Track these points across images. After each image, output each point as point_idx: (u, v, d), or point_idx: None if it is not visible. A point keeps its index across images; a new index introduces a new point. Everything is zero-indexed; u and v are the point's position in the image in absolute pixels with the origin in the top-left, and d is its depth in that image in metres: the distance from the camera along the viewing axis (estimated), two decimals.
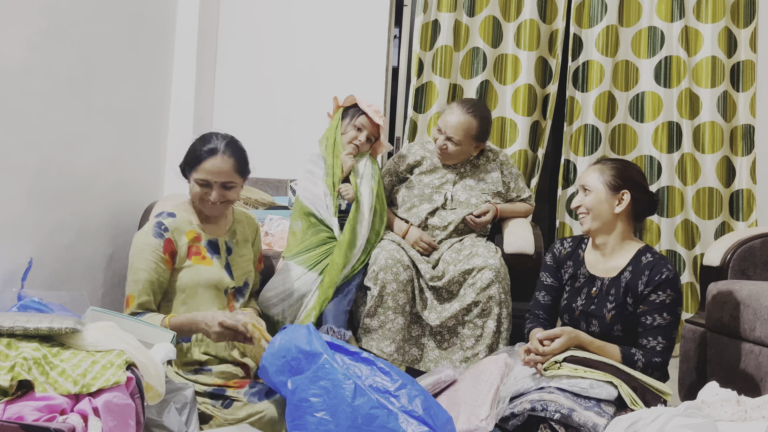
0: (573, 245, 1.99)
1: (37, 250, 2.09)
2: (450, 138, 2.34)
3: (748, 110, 3.13)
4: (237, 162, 1.86)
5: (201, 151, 1.84)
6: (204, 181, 1.84)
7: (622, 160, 1.94)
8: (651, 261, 1.80)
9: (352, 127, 2.34)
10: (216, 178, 1.83)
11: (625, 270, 1.83)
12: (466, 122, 2.33)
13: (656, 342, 1.74)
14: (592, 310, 1.84)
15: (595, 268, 1.89)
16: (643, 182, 1.89)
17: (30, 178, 2.04)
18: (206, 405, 1.67)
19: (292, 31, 3.26)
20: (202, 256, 1.88)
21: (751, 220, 3.09)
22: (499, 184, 2.47)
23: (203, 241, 1.90)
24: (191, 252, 1.87)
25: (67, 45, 2.18)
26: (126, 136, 2.62)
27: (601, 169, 1.88)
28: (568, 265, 1.96)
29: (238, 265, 1.95)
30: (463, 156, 2.42)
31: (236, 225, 2.01)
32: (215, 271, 1.87)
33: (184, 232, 1.87)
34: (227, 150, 1.86)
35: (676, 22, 3.13)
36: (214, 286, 1.86)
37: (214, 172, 1.83)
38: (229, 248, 1.95)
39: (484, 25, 3.17)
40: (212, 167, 1.83)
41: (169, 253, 1.81)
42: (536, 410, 1.58)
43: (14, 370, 1.23)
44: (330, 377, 1.46)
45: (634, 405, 1.60)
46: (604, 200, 1.84)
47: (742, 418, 1.43)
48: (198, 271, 1.85)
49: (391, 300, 2.14)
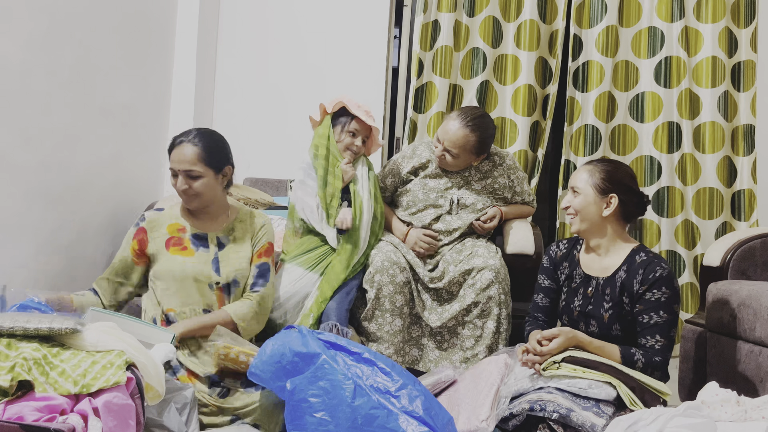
0: (568, 246, 1.99)
1: (37, 250, 2.09)
2: (448, 150, 2.28)
3: (749, 110, 3.12)
4: (203, 150, 1.86)
5: (173, 141, 1.90)
6: (172, 170, 1.89)
7: (612, 162, 1.94)
8: (645, 260, 1.80)
9: (346, 134, 2.26)
10: (178, 166, 1.86)
11: (620, 269, 1.83)
12: (463, 137, 2.25)
13: (655, 341, 1.74)
14: (590, 311, 1.85)
15: (590, 268, 1.89)
16: (633, 185, 1.88)
17: (30, 178, 2.04)
18: (202, 393, 1.67)
19: (292, 31, 3.26)
20: (182, 247, 1.90)
21: (752, 220, 3.09)
22: (506, 189, 2.43)
23: (188, 233, 1.92)
24: (170, 243, 1.90)
25: (67, 45, 2.18)
26: (126, 136, 2.62)
27: (591, 170, 1.87)
28: (564, 266, 1.96)
29: (229, 262, 1.92)
30: (464, 165, 2.36)
31: (237, 223, 2.00)
32: (195, 262, 1.88)
33: (163, 224, 1.92)
34: (194, 139, 1.88)
35: (676, 22, 3.13)
36: (194, 278, 1.86)
37: (177, 161, 1.87)
38: (221, 243, 1.94)
39: (484, 25, 3.17)
40: (176, 155, 1.87)
41: (137, 241, 1.91)
42: (535, 410, 1.59)
43: (14, 371, 1.23)
44: (329, 377, 1.46)
45: (633, 405, 1.60)
46: (592, 203, 1.84)
47: (742, 418, 1.43)
48: (174, 260, 1.87)
49: (388, 302, 2.13)
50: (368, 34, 3.24)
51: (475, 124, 2.27)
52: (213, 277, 1.89)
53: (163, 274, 1.87)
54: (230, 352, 1.67)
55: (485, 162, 2.43)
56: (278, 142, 3.20)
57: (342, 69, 3.23)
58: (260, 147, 3.18)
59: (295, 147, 2.50)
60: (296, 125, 3.21)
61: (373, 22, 3.24)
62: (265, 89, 3.26)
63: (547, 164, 3.37)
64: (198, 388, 1.68)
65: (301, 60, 3.25)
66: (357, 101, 2.30)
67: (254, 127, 3.21)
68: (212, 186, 1.91)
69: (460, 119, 2.27)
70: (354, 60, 3.23)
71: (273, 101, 3.24)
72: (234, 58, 3.26)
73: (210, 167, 1.88)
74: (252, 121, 3.21)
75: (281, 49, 3.25)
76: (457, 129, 2.25)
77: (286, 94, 3.24)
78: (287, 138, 3.21)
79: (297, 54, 3.25)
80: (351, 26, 3.24)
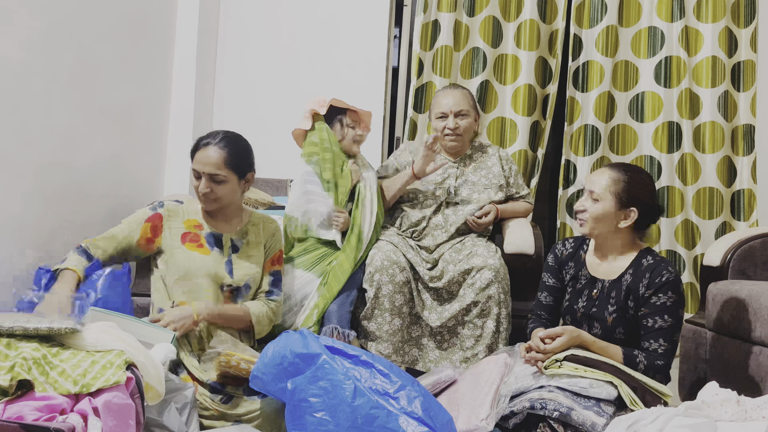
0: (575, 246, 1.96)
1: (37, 250, 2.09)
2: (459, 112, 2.40)
3: (748, 110, 3.13)
4: (229, 155, 1.85)
5: (198, 142, 1.88)
6: (195, 172, 1.86)
7: (635, 171, 1.84)
8: (652, 263, 1.77)
9: (347, 128, 2.32)
10: (203, 168, 1.84)
11: (626, 272, 1.81)
12: (461, 93, 2.44)
13: (658, 345, 1.72)
14: (594, 313, 1.83)
15: (596, 270, 1.88)
16: (654, 200, 1.82)
17: (30, 178, 2.04)
18: (205, 398, 1.67)
19: (292, 31, 3.26)
20: (198, 244, 1.89)
21: (751, 220, 3.09)
22: (501, 177, 2.48)
23: (204, 231, 1.91)
24: (186, 237, 1.89)
25: (67, 45, 2.18)
26: (126, 136, 2.62)
27: (615, 179, 1.79)
28: (570, 266, 1.94)
29: (242, 266, 1.93)
30: (468, 134, 2.47)
31: (250, 227, 2.00)
32: (211, 261, 1.87)
33: (181, 218, 1.90)
34: (220, 142, 1.86)
35: (676, 22, 3.13)
36: (209, 277, 1.86)
37: (202, 162, 1.84)
38: (235, 246, 1.94)
39: (484, 25, 3.17)
40: (201, 157, 1.85)
41: (151, 227, 1.86)
42: (535, 408, 1.59)
43: (14, 370, 1.23)
44: (330, 377, 1.46)
45: (634, 405, 1.59)
46: (611, 213, 1.78)
47: (742, 418, 1.42)
48: (191, 256, 1.86)
49: (387, 302, 2.13)
50: (368, 34, 3.24)
51: (458, 85, 2.57)
52: (226, 279, 1.89)
53: (179, 268, 1.84)
54: (231, 359, 1.67)
55: (477, 152, 2.52)
56: (278, 142, 3.19)
57: (342, 69, 3.23)
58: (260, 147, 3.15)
59: (295, 147, 2.49)
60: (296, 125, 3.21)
61: (373, 22, 3.24)
62: (265, 89, 3.26)
63: (547, 164, 3.37)
64: (200, 391, 1.68)
65: (301, 59, 3.25)
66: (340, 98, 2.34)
67: (254, 127, 3.20)
68: (234, 191, 1.90)
69: (449, 88, 2.49)
70: (354, 60, 3.23)
71: (273, 101, 3.24)
72: (234, 58, 3.26)
73: (234, 172, 1.87)
74: (252, 121, 3.21)
75: (281, 48, 3.25)
76: (454, 91, 2.45)
77: (286, 93, 3.23)
78: (287, 138, 3.20)
79: (297, 54, 3.25)
80: (351, 26, 3.25)
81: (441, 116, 2.43)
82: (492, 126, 3.19)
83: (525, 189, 2.57)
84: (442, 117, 2.42)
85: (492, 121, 3.19)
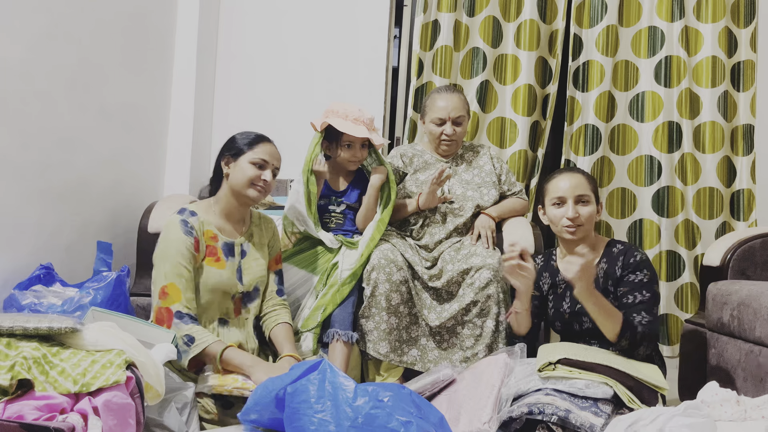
0: (544, 259, 2.14)
1: (37, 250, 2.09)
2: (457, 119, 2.43)
3: (748, 110, 3.13)
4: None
5: (252, 136, 1.97)
6: (261, 161, 1.92)
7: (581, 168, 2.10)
8: (622, 249, 1.95)
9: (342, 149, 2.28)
10: (271, 160, 1.95)
11: (600, 262, 1.97)
12: (459, 98, 2.45)
13: (641, 317, 1.82)
14: (579, 309, 1.91)
15: (570, 271, 1.89)
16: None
17: (30, 178, 2.04)
18: (206, 401, 1.67)
19: (292, 31, 3.26)
20: (216, 258, 1.88)
21: (750, 220, 3.09)
22: (493, 174, 2.51)
23: (220, 242, 1.91)
24: (207, 253, 1.88)
25: (67, 45, 2.18)
26: (126, 136, 2.62)
27: (587, 178, 2.02)
28: (545, 276, 2.09)
29: (250, 270, 1.95)
30: (462, 136, 2.52)
31: (253, 228, 2.02)
32: (226, 276, 1.88)
33: (202, 232, 1.89)
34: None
35: (676, 22, 3.13)
36: (222, 291, 1.87)
37: (270, 154, 1.96)
38: (243, 251, 1.95)
39: (484, 25, 3.17)
40: (270, 150, 1.96)
41: (194, 255, 1.84)
42: (533, 413, 1.59)
43: (14, 370, 1.23)
44: (330, 378, 1.46)
45: (632, 403, 1.60)
46: (594, 210, 2.00)
47: (742, 418, 1.43)
48: (209, 273, 1.85)
49: (384, 300, 2.13)
50: (368, 34, 3.24)
51: (455, 87, 2.62)
52: (237, 288, 1.91)
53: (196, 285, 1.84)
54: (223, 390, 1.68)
55: (470, 152, 2.57)
56: (278, 143, 3.18)
57: (342, 69, 3.23)
58: None
59: (295, 147, 2.49)
60: (296, 125, 3.21)
61: (373, 22, 3.24)
62: (265, 89, 3.26)
63: (547, 164, 3.37)
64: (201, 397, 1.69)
65: (301, 60, 3.25)
66: (346, 106, 2.26)
67: (254, 127, 3.19)
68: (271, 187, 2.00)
69: (444, 91, 2.48)
70: (354, 60, 3.23)
71: (273, 101, 3.24)
72: (234, 58, 3.26)
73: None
74: (252, 121, 3.21)
75: (281, 48, 3.25)
76: (451, 96, 2.45)
77: (286, 93, 3.24)
78: (287, 138, 3.20)
79: (297, 54, 3.25)
80: (351, 26, 3.25)
81: (439, 122, 2.43)
82: (492, 126, 3.19)
83: (517, 185, 2.60)
84: (440, 122, 2.43)
85: (492, 121, 3.19)
